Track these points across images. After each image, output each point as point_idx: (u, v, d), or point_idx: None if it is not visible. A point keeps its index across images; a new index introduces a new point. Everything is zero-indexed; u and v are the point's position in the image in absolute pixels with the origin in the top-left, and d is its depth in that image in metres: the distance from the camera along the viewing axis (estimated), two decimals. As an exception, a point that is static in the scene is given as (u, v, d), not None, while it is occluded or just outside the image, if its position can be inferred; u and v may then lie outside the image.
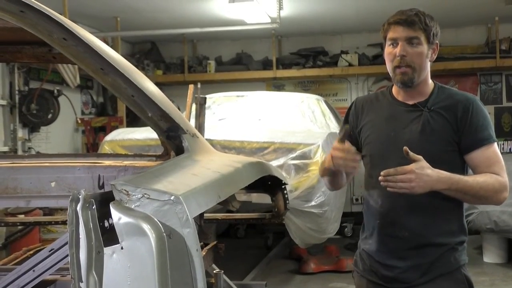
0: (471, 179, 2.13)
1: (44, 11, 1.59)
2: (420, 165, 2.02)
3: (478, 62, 8.90)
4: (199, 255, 1.38)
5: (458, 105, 2.20)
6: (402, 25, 2.18)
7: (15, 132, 7.02)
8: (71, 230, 1.34)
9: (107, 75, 1.75)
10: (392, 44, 2.21)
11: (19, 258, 3.13)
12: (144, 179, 1.50)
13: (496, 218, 6.05)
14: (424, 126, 2.19)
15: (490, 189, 2.12)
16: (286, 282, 6.04)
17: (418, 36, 2.18)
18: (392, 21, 2.21)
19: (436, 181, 2.04)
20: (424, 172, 2.01)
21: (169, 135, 1.99)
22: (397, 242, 2.21)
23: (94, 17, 7.99)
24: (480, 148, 2.17)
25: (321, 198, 5.28)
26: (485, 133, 2.19)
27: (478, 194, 2.13)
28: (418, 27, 2.17)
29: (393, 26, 2.20)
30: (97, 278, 1.33)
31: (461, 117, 2.18)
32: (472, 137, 2.17)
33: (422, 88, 2.26)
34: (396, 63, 2.19)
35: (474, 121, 2.18)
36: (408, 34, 2.17)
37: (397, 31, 2.19)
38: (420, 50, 2.19)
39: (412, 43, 2.18)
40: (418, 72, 2.20)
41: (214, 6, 7.54)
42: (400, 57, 2.17)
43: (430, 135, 2.18)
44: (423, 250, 2.19)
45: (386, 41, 2.25)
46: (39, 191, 2.11)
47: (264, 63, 9.61)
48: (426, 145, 2.16)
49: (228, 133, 5.57)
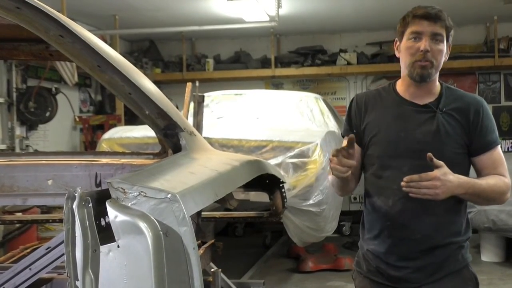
0: (484, 182, 2.14)
1: (40, 7, 1.58)
2: (443, 171, 2.00)
3: (476, 61, 8.92)
4: (196, 253, 1.37)
5: (470, 108, 2.19)
6: (428, 19, 2.13)
7: (12, 130, 7.00)
8: (67, 228, 1.34)
9: (104, 73, 1.74)
10: (414, 38, 2.15)
11: (16, 256, 3.12)
12: (141, 177, 1.49)
13: (494, 217, 6.05)
14: (439, 128, 2.17)
15: (499, 191, 2.15)
16: (284, 281, 6.04)
17: (441, 33, 2.15)
18: (418, 14, 2.15)
19: (457, 186, 2.04)
20: (447, 178, 2.00)
21: (166, 133, 1.99)
22: (408, 244, 2.19)
23: (92, 15, 7.98)
24: (488, 151, 2.19)
25: (319, 197, 5.28)
26: (493, 136, 2.20)
27: (489, 197, 2.16)
28: (443, 24, 2.15)
29: (418, 20, 2.14)
30: (93, 276, 1.32)
31: (473, 120, 2.18)
32: (481, 140, 2.19)
33: (432, 87, 2.23)
34: (418, 58, 2.14)
35: (485, 124, 2.19)
36: (433, 29, 2.13)
37: (422, 25, 2.13)
38: (441, 48, 2.17)
39: (436, 39, 2.14)
40: (436, 69, 2.18)
41: (213, 4, 7.53)
42: (424, 52, 2.13)
43: (444, 137, 2.16)
44: (434, 251, 2.18)
45: (405, 35, 2.18)
46: (36, 189, 2.09)
47: (263, 62, 9.60)
48: (439, 147, 2.14)
49: (226, 131, 5.56)
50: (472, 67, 9.05)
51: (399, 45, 2.24)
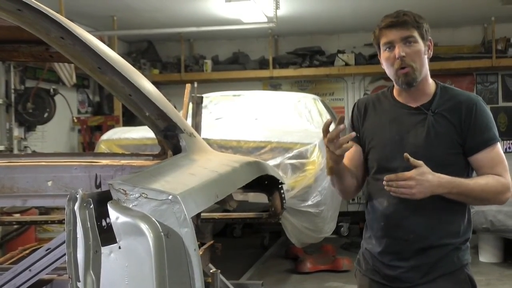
0: (472, 182, 2.13)
1: (41, 9, 1.58)
2: (420, 171, 2.02)
3: (474, 62, 8.91)
4: (197, 254, 1.38)
5: (462, 106, 2.19)
6: (394, 27, 2.16)
7: (11, 131, 6.99)
8: (69, 229, 1.34)
9: (104, 74, 1.75)
10: (388, 48, 2.18)
11: (15, 258, 3.12)
12: (142, 178, 1.50)
13: (492, 217, 6.06)
14: (429, 130, 2.18)
15: (492, 191, 2.13)
16: (282, 282, 6.05)
17: (412, 34, 2.16)
18: (384, 25, 2.18)
19: (436, 186, 2.05)
20: (425, 178, 2.02)
21: (166, 135, 1.99)
22: (402, 244, 2.21)
23: (90, 16, 7.97)
24: (484, 149, 2.17)
25: (318, 198, 5.28)
26: (489, 134, 2.19)
27: (479, 197, 2.15)
28: (410, 26, 2.16)
29: (385, 30, 2.18)
30: (94, 277, 1.33)
31: (465, 119, 2.17)
32: (476, 139, 2.17)
33: (424, 88, 2.24)
34: (397, 66, 2.16)
35: (478, 122, 2.18)
36: (402, 34, 2.15)
37: (391, 34, 2.16)
38: (418, 48, 2.17)
39: (408, 42, 2.16)
40: (419, 70, 2.18)
41: (211, 5, 7.53)
42: (400, 58, 2.15)
43: (435, 138, 2.17)
44: (427, 251, 2.19)
45: (381, 47, 2.22)
46: (35, 190, 2.09)
47: (261, 63, 9.60)
48: (431, 148, 2.16)
49: (225, 132, 5.57)
50: (470, 67, 9.05)
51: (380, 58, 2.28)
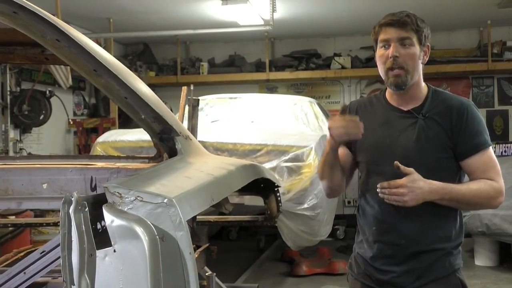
0: (464, 188, 2.13)
1: (37, 12, 1.58)
2: (411, 178, 2.03)
3: (470, 65, 8.94)
4: (192, 258, 1.38)
5: (452, 111, 2.17)
6: (394, 26, 2.15)
7: (6, 133, 6.97)
8: (64, 232, 1.34)
9: (100, 77, 1.74)
10: (384, 46, 2.18)
11: (9, 260, 3.11)
12: (137, 181, 1.49)
13: (487, 221, 6.06)
14: (419, 134, 2.17)
15: (483, 196, 2.12)
16: (278, 285, 6.04)
17: (410, 37, 2.15)
18: (384, 22, 2.18)
19: (428, 193, 2.05)
20: (416, 185, 2.02)
21: (162, 137, 1.99)
22: (393, 249, 2.20)
23: (86, 18, 7.96)
24: (475, 154, 2.16)
25: (314, 201, 5.28)
26: (480, 139, 2.17)
27: (471, 202, 2.14)
28: (410, 28, 2.15)
29: (385, 28, 2.17)
30: (89, 281, 1.32)
31: (456, 123, 2.16)
32: (467, 143, 2.15)
33: (415, 92, 2.23)
34: (388, 65, 2.15)
35: (469, 127, 2.16)
36: (400, 34, 2.14)
37: (389, 32, 2.16)
38: (413, 51, 2.16)
39: (404, 44, 2.15)
40: (411, 74, 2.16)
41: (207, 8, 7.53)
42: (393, 58, 2.14)
43: (425, 142, 2.16)
44: (419, 256, 2.19)
45: (378, 44, 2.21)
46: (30, 192, 2.09)
47: (257, 65, 9.61)
48: (421, 152, 2.15)
49: (221, 135, 5.56)
50: (466, 71, 9.07)
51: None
